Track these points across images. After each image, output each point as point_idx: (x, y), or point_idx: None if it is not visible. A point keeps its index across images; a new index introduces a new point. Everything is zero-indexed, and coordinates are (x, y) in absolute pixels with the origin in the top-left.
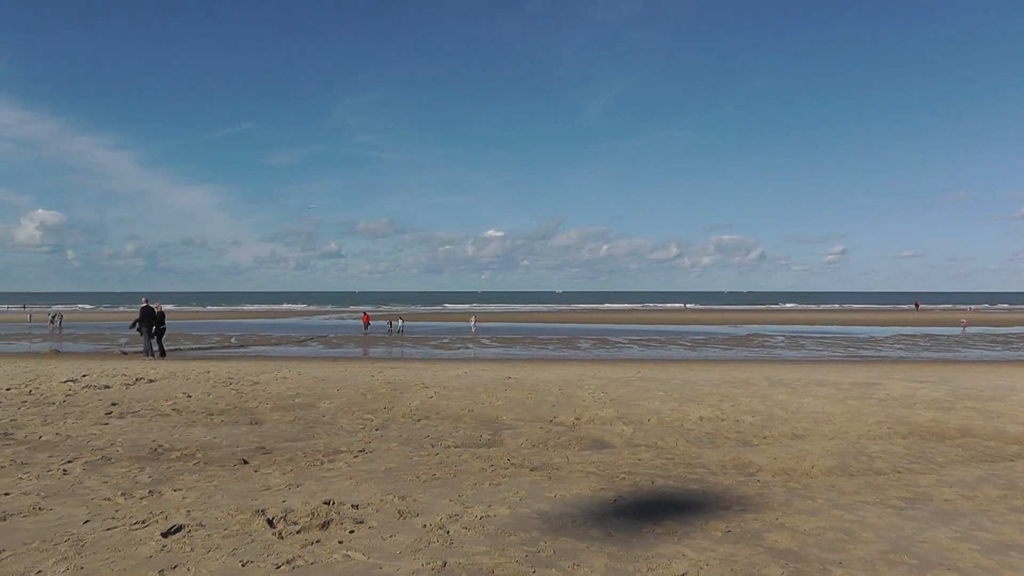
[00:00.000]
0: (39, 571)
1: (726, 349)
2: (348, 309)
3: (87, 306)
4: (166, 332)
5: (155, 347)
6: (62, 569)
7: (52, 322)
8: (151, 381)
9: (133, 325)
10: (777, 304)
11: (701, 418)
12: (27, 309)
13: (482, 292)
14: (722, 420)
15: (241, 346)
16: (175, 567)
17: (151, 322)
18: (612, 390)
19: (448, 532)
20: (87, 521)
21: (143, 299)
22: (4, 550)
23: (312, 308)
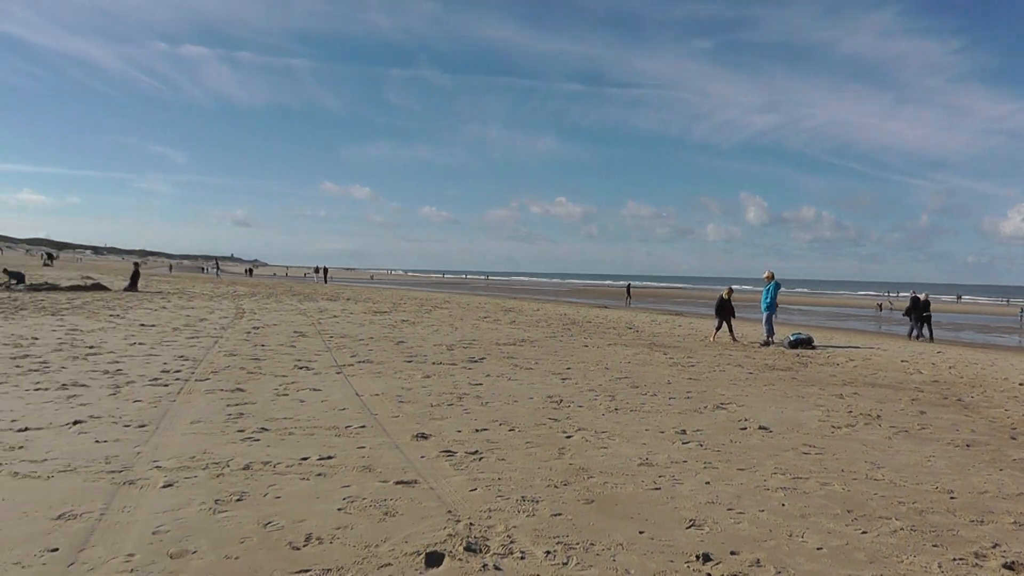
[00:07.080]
0: None
1: None
2: None
3: None
4: (931, 319)
5: (924, 331)
6: None
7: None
8: None
9: (906, 313)
10: None
11: None
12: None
13: None
14: None
15: None
16: None
17: (918, 310)
18: None
19: None
20: None
21: (911, 291)
22: None
23: None
